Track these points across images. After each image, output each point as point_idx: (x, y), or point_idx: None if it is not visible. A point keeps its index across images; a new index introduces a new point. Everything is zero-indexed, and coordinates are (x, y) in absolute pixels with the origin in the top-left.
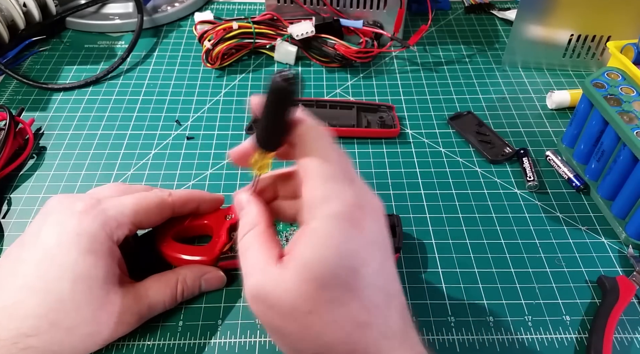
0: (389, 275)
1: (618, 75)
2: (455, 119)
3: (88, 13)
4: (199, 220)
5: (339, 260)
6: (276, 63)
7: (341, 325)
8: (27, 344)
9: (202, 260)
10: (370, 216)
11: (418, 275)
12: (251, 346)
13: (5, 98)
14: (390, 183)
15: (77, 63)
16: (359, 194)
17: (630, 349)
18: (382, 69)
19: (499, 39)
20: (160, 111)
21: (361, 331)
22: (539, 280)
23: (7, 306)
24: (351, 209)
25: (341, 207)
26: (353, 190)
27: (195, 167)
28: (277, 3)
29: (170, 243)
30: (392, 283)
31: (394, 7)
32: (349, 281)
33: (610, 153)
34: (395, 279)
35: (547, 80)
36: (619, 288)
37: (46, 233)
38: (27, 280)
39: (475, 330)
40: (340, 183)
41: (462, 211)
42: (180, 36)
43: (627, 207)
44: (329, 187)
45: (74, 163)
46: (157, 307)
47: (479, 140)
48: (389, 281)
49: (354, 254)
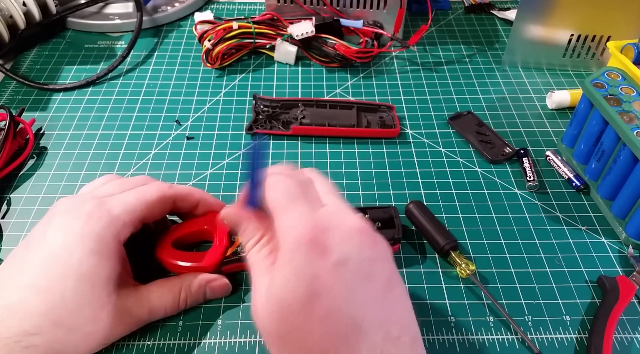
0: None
1: (618, 75)
2: (455, 119)
3: (88, 13)
4: (198, 226)
5: (298, 285)
6: (276, 63)
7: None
8: (30, 342)
9: (203, 267)
10: (339, 238)
11: (418, 275)
12: (251, 346)
13: (5, 99)
14: (390, 183)
15: (77, 63)
16: (324, 217)
17: (630, 349)
18: (382, 69)
19: (499, 39)
20: (160, 111)
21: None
22: (539, 280)
23: (11, 305)
24: (313, 233)
25: (300, 233)
26: (316, 213)
27: (195, 166)
28: (277, 3)
29: (170, 250)
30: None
31: (394, 7)
32: (311, 307)
33: (610, 153)
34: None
35: (547, 80)
36: (619, 288)
37: (52, 234)
38: (32, 279)
39: (475, 330)
40: (300, 209)
41: (462, 211)
42: (180, 36)
43: (627, 207)
44: (289, 216)
45: (74, 163)
46: (158, 312)
47: (479, 140)
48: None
49: (314, 279)
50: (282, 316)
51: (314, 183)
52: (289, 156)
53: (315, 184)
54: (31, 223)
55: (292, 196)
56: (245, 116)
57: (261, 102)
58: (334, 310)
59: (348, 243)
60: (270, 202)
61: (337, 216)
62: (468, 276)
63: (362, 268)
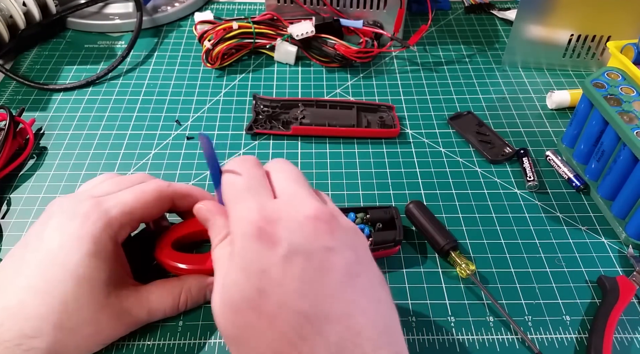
0: (318, 294)
1: (618, 75)
2: (455, 119)
3: (88, 13)
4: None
5: (246, 280)
6: (276, 63)
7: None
8: (30, 345)
9: (204, 269)
10: (289, 228)
11: (418, 275)
12: None
13: (5, 99)
14: (390, 183)
15: (77, 63)
16: (275, 207)
17: (630, 349)
18: (382, 69)
19: (499, 39)
20: (160, 111)
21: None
22: (539, 280)
23: (10, 307)
24: (261, 225)
25: (247, 226)
26: (268, 204)
27: (195, 166)
28: (277, 3)
29: (170, 252)
30: (323, 304)
31: (394, 7)
32: (260, 304)
33: (610, 153)
34: (332, 299)
35: (547, 80)
36: (619, 288)
37: (49, 236)
38: (30, 282)
39: (475, 330)
40: (248, 202)
41: (462, 211)
42: (180, 36)
43: (627, 207)
44: (238, 207)
45: (74, 163)
46: (157, 314)
47: (479, 140)
48: (317, 302)
49: (262, 273)
50: (233, 317)
51: (274, 173)
52: (289, 156)
53: (276, 174)
54: (31, 223)
55: (242, 191)
56: (245, 116)
57: (261, 102)
58: (284, 307)
59: (299, 232)
60: (223, 198)
61: (290, 205)
62: (468, 276)
63: (315, 259)
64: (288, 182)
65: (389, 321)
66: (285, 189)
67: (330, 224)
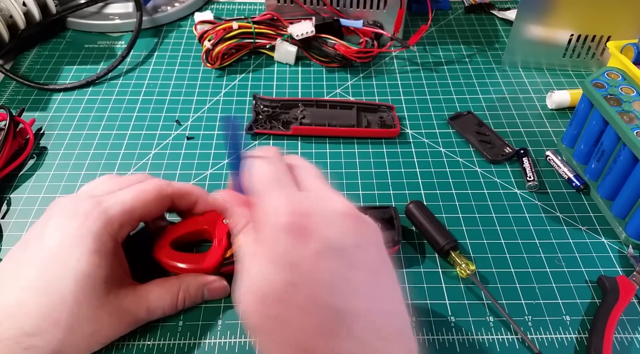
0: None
1: (618, 75)
2: (455, 119)
3: (88, 13)
4: (197, 225)
5: (275, 272)
6: (276, 63)
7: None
8: (30, 343)
9: (203, 269)
10: (321, 223)
11: (418, 275)
12: (251, 347)
13: (5, 99)
14: (390, 183)
15: (77, 63)
16: (306, 201)
17: (630, 349)
18: (382, 69)
19: (499, 39)
20: (160, 111)
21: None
22: (539, 280)
23: (9, 306)
24: (294, 218)
25: (279, 218)
26: (298, 198)
27: (195, 166)
28: (277, 3)
29: (169, 251)
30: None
31: (394, 7)
32: (289, 297)
33: (610, 153)
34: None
35: (547, 80)
36: (619, 288)
37: (49, 235)
38: (30, 281)
39: (475, 330)
40: (280, 193)
41: (462, 211)
42: (180, 36)
43: (627, 207)
44: (268, 201)
45: (74, 163)
46: (156, 312)
47: (479, 140)
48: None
49: (293, 266)
50: (259, 307)
51: (298, 168)
52: None
53: (300, 169)
54: (31, 223)
55: (272, 181)
56: (245, 116)
57: (261, 102)
58: (313, 300)
59: (331, 228)
60: (250, 187)
61: (320, 200)
62: (468, 276)
63: (345, 255)
64: (313, 178)
65: (404, 318)
66: (311, 184)
67: (358, 222)
